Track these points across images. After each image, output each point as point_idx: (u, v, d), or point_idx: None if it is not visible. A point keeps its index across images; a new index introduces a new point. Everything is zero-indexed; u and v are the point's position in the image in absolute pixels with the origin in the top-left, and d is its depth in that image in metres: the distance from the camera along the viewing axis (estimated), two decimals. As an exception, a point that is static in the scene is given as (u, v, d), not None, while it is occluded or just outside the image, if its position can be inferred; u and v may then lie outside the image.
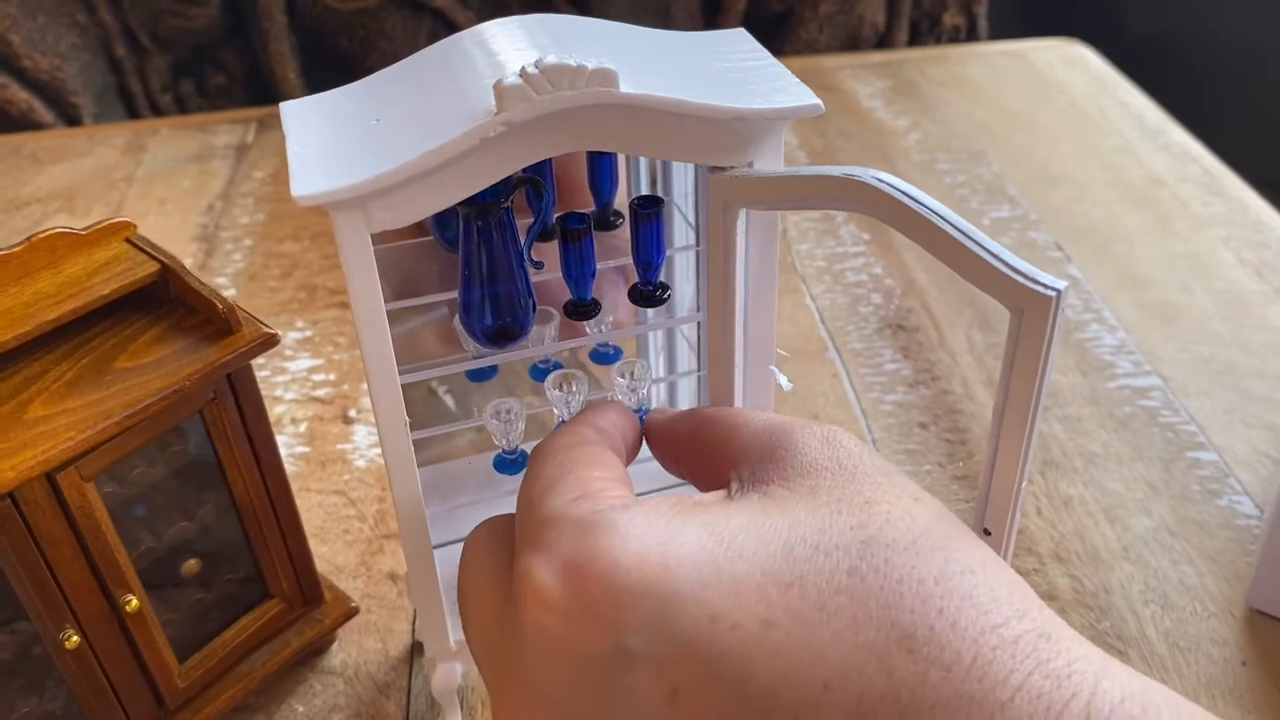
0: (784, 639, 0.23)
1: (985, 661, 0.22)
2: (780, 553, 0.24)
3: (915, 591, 0.23)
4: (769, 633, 0.23)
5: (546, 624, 0.25)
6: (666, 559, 0.24)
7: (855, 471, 0.26)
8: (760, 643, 0.23)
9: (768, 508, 0.25)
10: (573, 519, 0.26)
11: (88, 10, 0.88)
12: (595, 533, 0.25)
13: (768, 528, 0.24)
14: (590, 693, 0.24)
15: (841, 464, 0.26)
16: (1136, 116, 0.84)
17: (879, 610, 0.23)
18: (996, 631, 0.22)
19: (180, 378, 0.34)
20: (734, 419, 0.30)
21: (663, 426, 0.33)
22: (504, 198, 0.31)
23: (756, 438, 0.29)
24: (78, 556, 0.34)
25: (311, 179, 0.28)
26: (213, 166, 0.80)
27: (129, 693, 0.37)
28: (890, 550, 0.24)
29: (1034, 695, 0.21)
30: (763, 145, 0.31)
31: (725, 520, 0.25)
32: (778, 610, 0.23)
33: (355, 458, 0.53)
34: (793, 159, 0.80)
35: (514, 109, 0.27)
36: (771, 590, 0.23)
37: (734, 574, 0.23)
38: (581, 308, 0.35)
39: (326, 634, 0.43)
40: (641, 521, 0.25)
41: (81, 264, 0.36)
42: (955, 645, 0.22)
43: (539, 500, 0.27)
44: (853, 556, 0.23)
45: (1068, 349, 0.60)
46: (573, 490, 0.27)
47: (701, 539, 0.24)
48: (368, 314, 0.30)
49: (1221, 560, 0.47)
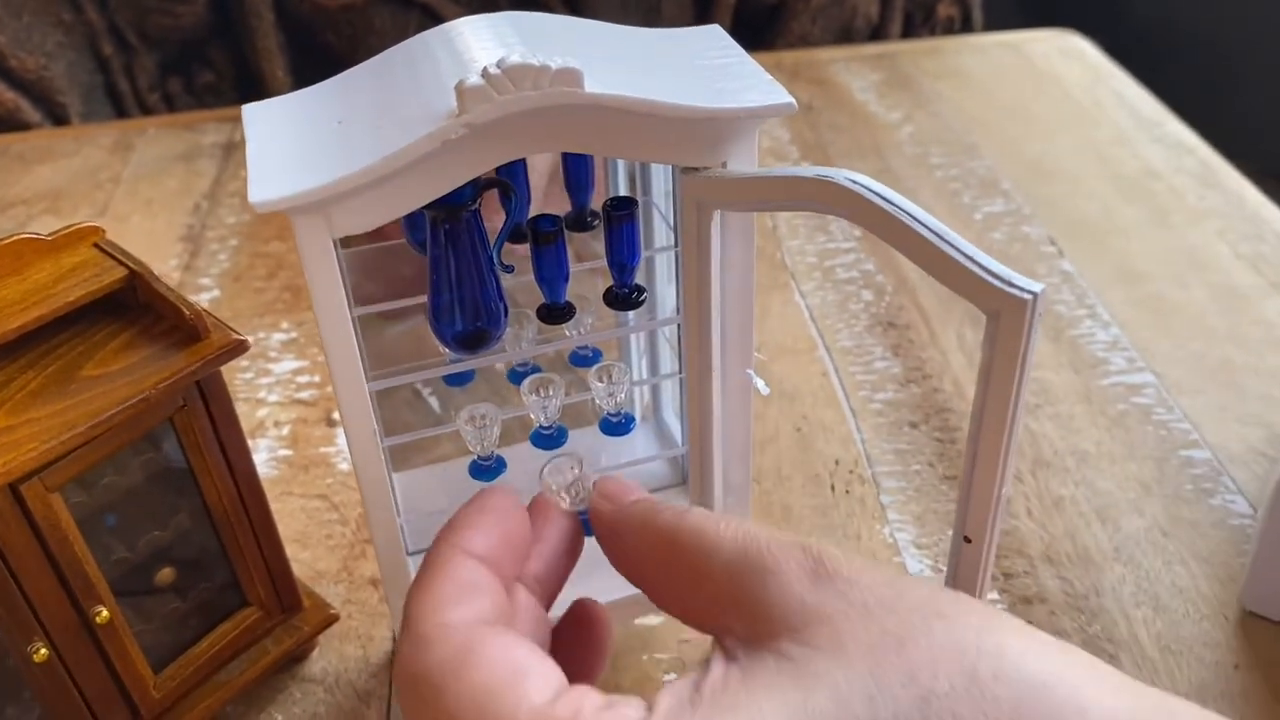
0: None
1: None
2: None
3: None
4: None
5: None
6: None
7: (867, 605, 0.23)
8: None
9: (798, 677, 0.22)
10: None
11: (74, 9, 0.87)
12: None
13: (813, 710, 0.21)
14: None
15: (850, 600, 0.23)
16: (1132, 108, 0.83)
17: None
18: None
19: (147, 386, 0.33)
20: (697, 540, 0.26)
21: (611, 531, 0.28)
22: (472, 200, 0.31)
23: (730, 573, 0.25)
24: (45, 568, 0.33)
25: (271, 184, 0.27)
26: (199, 166, 0.80)
27: (102, 704, 0.37)
28: (952, 700, 0.21)
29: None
30: (736, 145, 0.30)
31: (759, 712, 0.21)
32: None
33: (338, 461, 0.53)
34: (784, 153, 0.79)
35: (475, 110, 0.26)
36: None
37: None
38: (555, 311, 0.35)
39: (306, 641, 0.42)
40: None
41: (48, 270, 0.36)
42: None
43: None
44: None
45: (1060, 345, 0.59)
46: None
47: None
48: (332, 321, 0.29)
49: (1215, 561, 0.46)
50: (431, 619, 0.25)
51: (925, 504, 0.50)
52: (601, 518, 0.28)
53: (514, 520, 0.28)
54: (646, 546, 0.27)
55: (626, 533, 0.28)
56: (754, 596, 0.24)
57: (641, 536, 0.27)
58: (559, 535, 0.29)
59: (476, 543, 0.27)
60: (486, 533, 0.27)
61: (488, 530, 0.27)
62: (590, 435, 0.42)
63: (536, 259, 0.33)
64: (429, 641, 0.25)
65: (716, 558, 0.25)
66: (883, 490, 0.50)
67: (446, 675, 0.24)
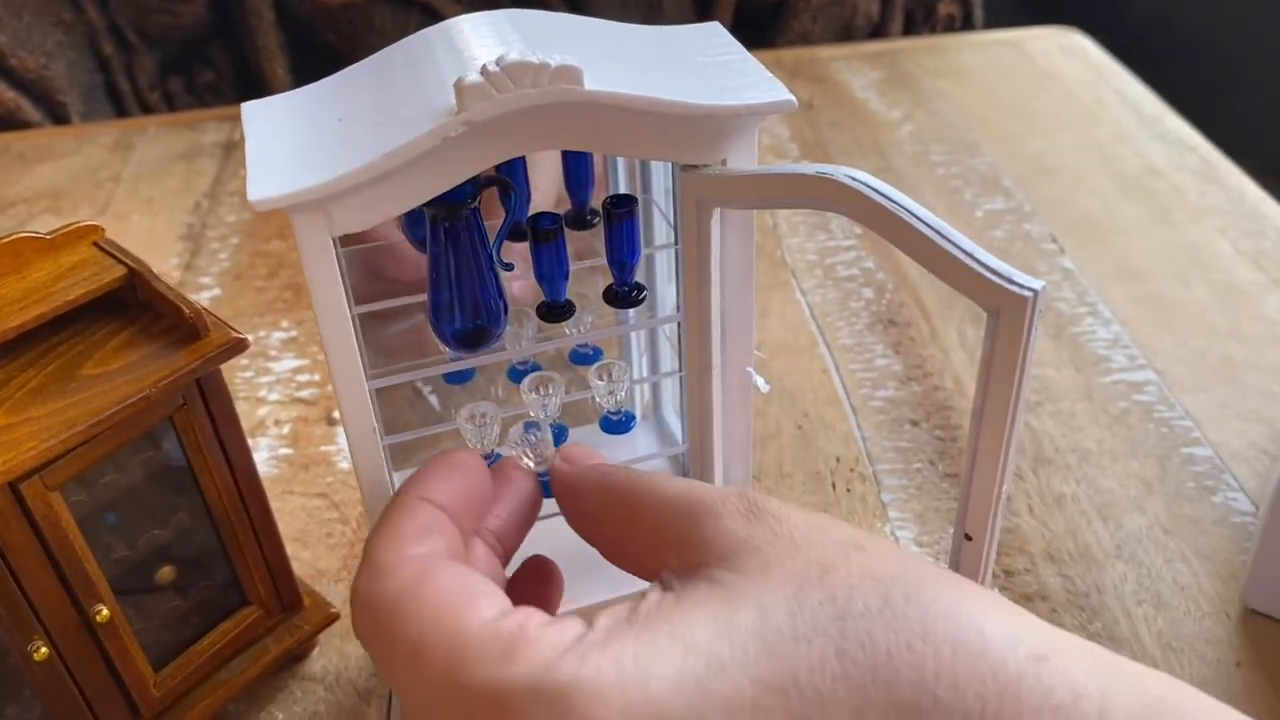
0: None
1: (994, 713, 0.21)
2: (763, 654, 0.22)
3: (907, 660, 0.22)
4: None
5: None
6: (652, 702, 0.22)
7: (794, 538, 0.25)
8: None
9: (727, 599, 0.23)
10: (528, 692, 0.22)
11: (74, 8, 0.87)
12: (568, 701, 0.22)
13: (739, 624, 0.23)
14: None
15: (778, 534, 0.25)
16: (1133, 105, 0.83)
17: (879, 692, 0.21)
18: (997, 675, 0.21)
19: (146, 384, 0.33)
20: (647, 494, 0.28)
21: (569, 491, 0.30)
22: (471, 198, 0.31)
23: (675, 518, 0.27)
24: (45, 567, 0.33)
25: (270, 181, 0.27)
26: (200, 165, 0.80)
27: (103, 703, 0.37)
28: (867, 619, 0.22)
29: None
30: (735, 143, 0.30)
31: (689, 628, 0.23)
32: (777, 719, 0.21)
33: (339, 460, 0.53)
34: (784, 151, 0.79)
35: (475, 108, 0.26)
36: (767, 698, 0.21)
37: (725, 695, 0.22)
38: (555, 309, 0.35)
39: (306, 640, 0.42)
40: (609, 666, 0.22)
41: (47, 269, 0.36)
42: (962, 706, 0.21)
43: (450, 676, 0.24)
44: (835, 638, 0.22)
45: (1061, 343, 0.59)
46: (487, 647, 0.24)
47: (677, 662, 0.22)
48: (331, 319, 0.29)
49: (1216, 559, 0.46)
50: (390, 552, 0.27)
51: (926, 502, 0.50)
52: (561, 476, 0.31)
53: (476, 477, 0.30)
54: (602, 501, 0.29)
55: (585, 490, 0.30)
56: (693, 533, 0.26)
57: (598, 493, 0.29)
58: (518, 495, 0.31)
59: (439, 492, 0.29)
60: (449, 485, 0.29)
61: (451, 483, 0.29)
62: (590, 433, 0.42)
63: (536, 257, 0.33)
64: (387, 570, 0.26)
65: (664, 507, 0.27)
66: (884, 488, 0.50)
67: (404, 599, 0.25)
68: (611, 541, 0.29)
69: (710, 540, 0.25)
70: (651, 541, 0.27)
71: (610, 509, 0.29)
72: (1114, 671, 0.22)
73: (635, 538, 0.28)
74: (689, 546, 0.26)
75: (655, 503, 0.28)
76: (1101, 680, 0.21)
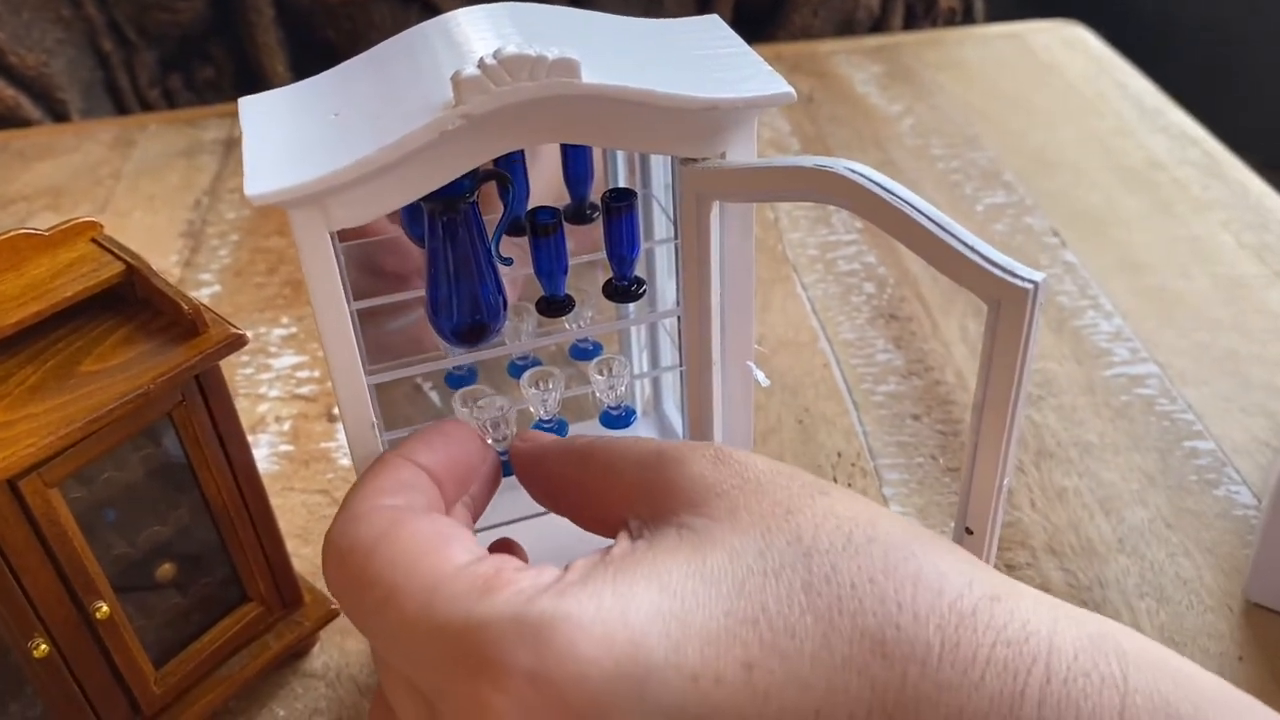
0: (767, 677, 0.22)
1: (952, 644, 0.22)
2: (734, 590, 0.23)
3: (870, 592, 0.23)
4: (752, 675, 0.22)
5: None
6: (631, 632, 0.22)
7: (760, 482, 0.26)
8: (748, 688, 0.22)
9: (698, 543, 0.24)
10: (508, 622, 0.23)
11: (73, 5, 0.87)
12: (549, 630, 0.22)
13: (711, 566, 0.24)
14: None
15: (745, 478, 0.26)
16: (1135, 98, 0.82)
17: (844, 621, 0.22)
18: (954, 609, 0.23)
19: (145, 381, 0.33)
20: (610, 452, 0.29)
21: (531, 460, 0.31)
22: (470, 192, 0.30)
23: (641, 469, 0.27)
24: (44, 564, 0.33)
25: (266, 176, 0.27)
26: (200, 161, 0.80)
27: (103, 700, 0.37)
28: (832, 555, 0.24)
29: (1001, 668, 0.22)
30: (735, 136, 0.30)
31: (665, 569, 0.24)
32: (752, 649, 0.22)
33: (339, 456, 0.53)
34: (785, 145, 0.79)
35: (472, 101, 0.26)
36: (740, 631, 0.22)
37: (700, 626, 0.23)
38: (555, 304, 0.35)
39: (307, 636, 0.42)
40: (589, 600, 0.23)
41: (45, 265, 0.35)
42: (923, 636, 0.22)
43: (425, 613, 0.24)
44: (801, 572, 0.23)
45: (1063, 336, 0.59)
46: (464, 587, 0.24)
47: (654, 598, 0.23)
48: (330, 315, 0.29)
49: (1219, 552, 0.46)
50: (366, 501, 0.27)
51: (928, 496, 0.49)
52: (522, 449, 0.31)
53: (466, 447, 0.30)
54: (563, 464, 0.30)
55: (546, 458, 0.30)
56: (660, 480, 0.27)
57: (559, 458, 0.30)
58: (491, 465, 0.32)
59: (424, 456, 0.29)
60: (436, 450, 0.29)
61: (437, 448, 0.29)
62: (591, 428, 0.42)
63: (535, 251, 0.33)
64: (362, 517, 0.27)
65: (629, 458, 0.28)
66: (885, 482, 0.50)
67: (378, 543, 0.26)
68: (576, 501, 0.30)
69: (678, 485, 0.26)
70: (618, 492, 0.28)
71: (573, 469, 0.29)
72: (1060, 611, 0.24)
73: (601, 491, 0.28)
74: (657, 493, 0.26)
75: (620, 454, 0.28)
76: (1049, 619, 0.23)
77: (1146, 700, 0.22)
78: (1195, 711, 0.21)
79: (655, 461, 0.27)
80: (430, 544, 0.25)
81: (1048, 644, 0.22)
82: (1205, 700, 0.22)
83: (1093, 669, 0.22)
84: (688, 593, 0.23)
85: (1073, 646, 0.22)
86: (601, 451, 0.29)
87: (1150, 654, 0.23)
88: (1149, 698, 0.22)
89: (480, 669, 0.23)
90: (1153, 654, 0.23)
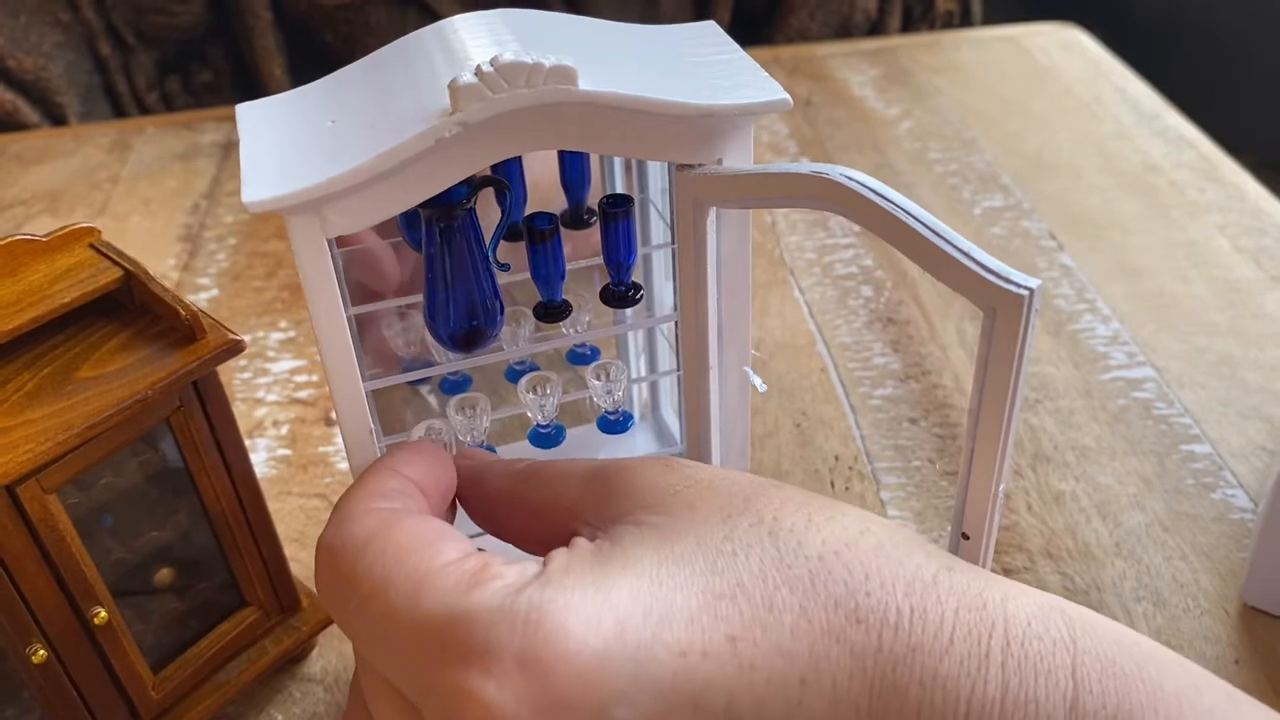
0: (752, 648, 0.23)
1: (920, 610, 0.23)
2: (707, 568, 0.24)
3: (837, 563, 0.24)
4: (737, 647, 0.23)
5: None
6: (617, 613, 0.23)
7: (713, 482, 0.26)
8: (734, 660, 0.23)
9: (661, 535, 0.25)
10: (495, 612, 0.23)
11: (71, 9, 0.87)
12: (538, 616, 0.23)
13: (679, 551, 0.24)
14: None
15: (696, 480, 0.27)
16: (1132, 102, 0.83)
17: (817, 590, 0.23)
18: (918, 578, 0.24)
19: (143, 387, 0.33)
20: (551, 470, 0.29)
21: (471, 479, 0.31)
22: (467, 199, 0.30)
23: (587, 481, 0.28)
24: (42, 570, 0.33)
25: (264, 183, 0.27)
26: (198, 165, 0.80)
27: (101, 705, 0.37)
28: (796, 533, 0.24)
29: (966, 631, 0.23)
30: (731, 142, 0.30)
31: (636, 558, 0.24)
32: (734, 623, 0.23)
33: (337, 460, 0.53)
34: (783, 148, 0.79)
35: (469, 108, 0.26)
36: (720, 606, 0.23)
37: (681, 604, 0.23)
38: (552, 309, 0.35)
39: (305, 641, 0.42)
40: (573, 585, 0.24)
41: (43, 271, 0.36)
42: (893, 603, 0.23)
43: (412, 606, 0.24)
44: (770, 549, 0.24)
45: (1060, 340, 0.59)
46: (452, 580, 0.24)
47: (632, 583, 0.24)
48: (327, 320, 0.29)
49: (1215, 556, 0.46)
50: (362, 503, 0.28)
51: (925, 500, 0.49)
52: (464, 467, 0.31)
53: (445, 468, 0.31)
54: (506, 483, 0.30)
55: (488, 476, 0.31)
56: (609, 492, 0.27)
57: (501, 477, 0.30)
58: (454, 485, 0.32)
59: (411, 469, 0.30)
60: (422, 466, 0.30)
61: (423, 465, 0.30)
62: (588, 433, 0.42)
63: (533, 257, 0.33)
64: (354, 517, 0.27)
65: (574, 475, 0.28)
66: (882, 486, 0.50)
67: (370, 540, 0.26)
68: (520, 520, 0.30)
69: (628, 491, 0.27)
70: (564, 504, 0.28)
71: (517, 485, 0.30)
72: (1006, 583, 0.25)
73: (546, 506, 0.29)
74: (606, 501, 0.27)
75: (563, 471, 0.29)
76: (999, 589, 0.25)
77: (1094, 660, 0.23)
78: (1137, 669, 0.23)
79: (602, 473, 0.28)
80: (422, 539, 0.26)
81: (1003, 610, 0.24)
82: (1144, 658, 0.24)
83: (1044, 633, 0.23)
84: (663, 575, 0.24)
85: (1024, 614, 0.24)
86: (544, 469, 0.29)
87: (1093, 620, 0.24)
88: (1096, 658, 0.23)
89: (468, 658, 0.23)
90: (1095, 620, 0.24)
